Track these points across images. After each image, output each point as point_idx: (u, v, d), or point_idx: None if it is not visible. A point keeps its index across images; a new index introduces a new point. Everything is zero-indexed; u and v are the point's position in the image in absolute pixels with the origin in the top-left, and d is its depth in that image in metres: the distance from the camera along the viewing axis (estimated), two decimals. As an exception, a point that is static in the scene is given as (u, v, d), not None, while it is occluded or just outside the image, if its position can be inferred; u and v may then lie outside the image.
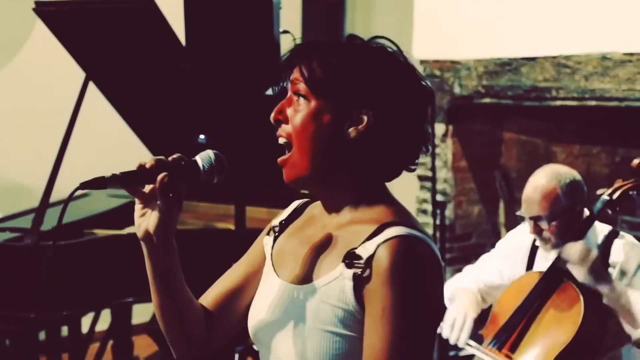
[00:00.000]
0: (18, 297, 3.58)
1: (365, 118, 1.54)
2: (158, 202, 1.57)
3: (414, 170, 1.65)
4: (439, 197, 5.08)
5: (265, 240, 1.75)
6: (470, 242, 5.22)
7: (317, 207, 1.70)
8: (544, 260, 3.16)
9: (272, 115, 1.60)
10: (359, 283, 1.49)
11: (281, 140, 1.60)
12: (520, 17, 4.62)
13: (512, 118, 5.18)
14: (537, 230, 3.09)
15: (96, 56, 3.88)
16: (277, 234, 1.73)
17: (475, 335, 3.15)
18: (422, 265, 1.48)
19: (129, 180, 1.56)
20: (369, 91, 1.54)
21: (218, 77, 3.47)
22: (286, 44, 3.57)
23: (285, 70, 1.61)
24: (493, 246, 3.44)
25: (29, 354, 4.16)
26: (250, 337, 1.68)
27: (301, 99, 1.57)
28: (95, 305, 4.16)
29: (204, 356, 1.75)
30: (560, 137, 5.02)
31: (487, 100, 4.89)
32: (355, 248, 1.51)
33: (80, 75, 3.90)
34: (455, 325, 3.13)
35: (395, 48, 1.62)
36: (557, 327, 2.95)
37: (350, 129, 1.55)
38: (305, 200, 1.77)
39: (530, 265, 3.22)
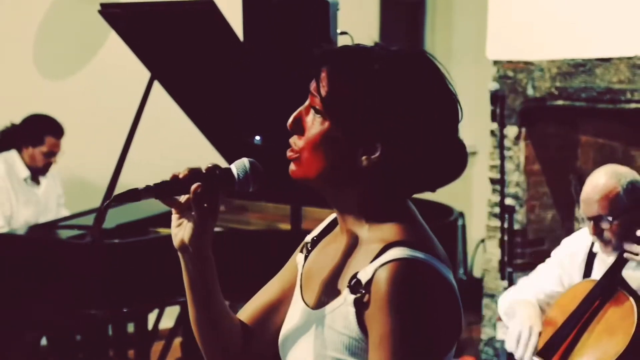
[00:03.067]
0: (80, 294, 3.66)
1: (379, 147, 1.46)
2: (193, 213, 1.53)
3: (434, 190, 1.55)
4: (511, 201, 4.99)
5: (297, 258, 1.69)
6: (543, 248, 5.07)
7: None
8: (602, 267, 3.06)
9: (289, 122, 1.53)
10: (360, 309, 1.43)
11: (290, 155, 1.53)
12: (594, 17, 4.49)
13: (588, 120, 5.04)
14: (597, 231, 2.98)
15: (160, 56, 3.95)
16: (309, 250, 1.67)
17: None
18: (422, 290, 1.40)
19: (163, 191, 1.53)
20: (384, 121, 1.46)
21: (274, 78, 3.47)
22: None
23: (309, 73, 1.52)
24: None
25: (98, 349, 4.27)
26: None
27: (317, 115, 1.50)
28: (158, 303, 4.22)
29: None
30: (639, 141, 4.86)
31: (560, 102, 4.77)
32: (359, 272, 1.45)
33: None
34: (521, 340, 3.01)
35: (433, 61, 1.51)
36: (608, 338, 2.85)
37: (363, 157, 1.47)
38: None
39: (587, 272, 3.13)
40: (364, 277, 1.43)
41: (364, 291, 1.42)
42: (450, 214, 4.35)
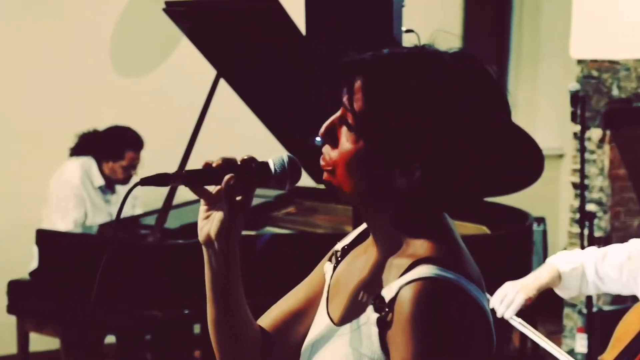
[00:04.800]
0: (141, 294, 3.63)
1: (418, 167, 1.36)
2: (223, 205, 1.45)
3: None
4: (594, 207, 4.78)
5: (326, 267, 1.60)
6: (628, 257, 4.84)
7: None
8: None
9: (321, 131, 1.43)
10: (383, 329, 1.34)
11: (323, 165, 1.42)
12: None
13: (679, 123, 4.80)
14: None
15: (225, 53, 3.92)
16: (338, 259, 1.58)
17: (594, 360, 2.91)
18: (448, 313, 1.30)
19: (194, 179, 1.45)
20: (424, 141, 1.35)
21: (335, 77, 3.38)
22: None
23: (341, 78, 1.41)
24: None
25: (163, 349, 4.25)
26: None
27: (349, 131, 1.39)
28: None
29: None
30: None
31: (646, 103, 4.54)
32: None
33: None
34: (504, 301, 2.97)
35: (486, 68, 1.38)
36: (682, 358, 2.66)
37: (400, 180, 1.38)
38: None
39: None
40: (388, 294, 1.34)
41: (387, 309, 1.33)
42: (525, 219, 4.18)
